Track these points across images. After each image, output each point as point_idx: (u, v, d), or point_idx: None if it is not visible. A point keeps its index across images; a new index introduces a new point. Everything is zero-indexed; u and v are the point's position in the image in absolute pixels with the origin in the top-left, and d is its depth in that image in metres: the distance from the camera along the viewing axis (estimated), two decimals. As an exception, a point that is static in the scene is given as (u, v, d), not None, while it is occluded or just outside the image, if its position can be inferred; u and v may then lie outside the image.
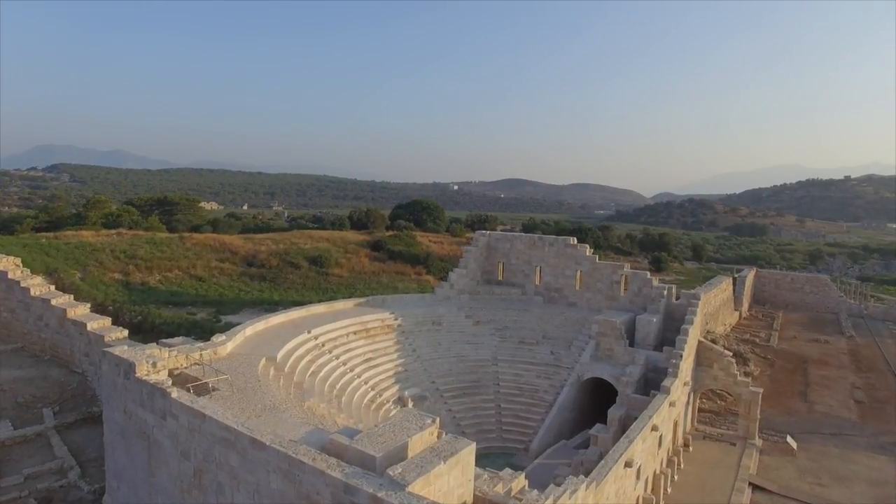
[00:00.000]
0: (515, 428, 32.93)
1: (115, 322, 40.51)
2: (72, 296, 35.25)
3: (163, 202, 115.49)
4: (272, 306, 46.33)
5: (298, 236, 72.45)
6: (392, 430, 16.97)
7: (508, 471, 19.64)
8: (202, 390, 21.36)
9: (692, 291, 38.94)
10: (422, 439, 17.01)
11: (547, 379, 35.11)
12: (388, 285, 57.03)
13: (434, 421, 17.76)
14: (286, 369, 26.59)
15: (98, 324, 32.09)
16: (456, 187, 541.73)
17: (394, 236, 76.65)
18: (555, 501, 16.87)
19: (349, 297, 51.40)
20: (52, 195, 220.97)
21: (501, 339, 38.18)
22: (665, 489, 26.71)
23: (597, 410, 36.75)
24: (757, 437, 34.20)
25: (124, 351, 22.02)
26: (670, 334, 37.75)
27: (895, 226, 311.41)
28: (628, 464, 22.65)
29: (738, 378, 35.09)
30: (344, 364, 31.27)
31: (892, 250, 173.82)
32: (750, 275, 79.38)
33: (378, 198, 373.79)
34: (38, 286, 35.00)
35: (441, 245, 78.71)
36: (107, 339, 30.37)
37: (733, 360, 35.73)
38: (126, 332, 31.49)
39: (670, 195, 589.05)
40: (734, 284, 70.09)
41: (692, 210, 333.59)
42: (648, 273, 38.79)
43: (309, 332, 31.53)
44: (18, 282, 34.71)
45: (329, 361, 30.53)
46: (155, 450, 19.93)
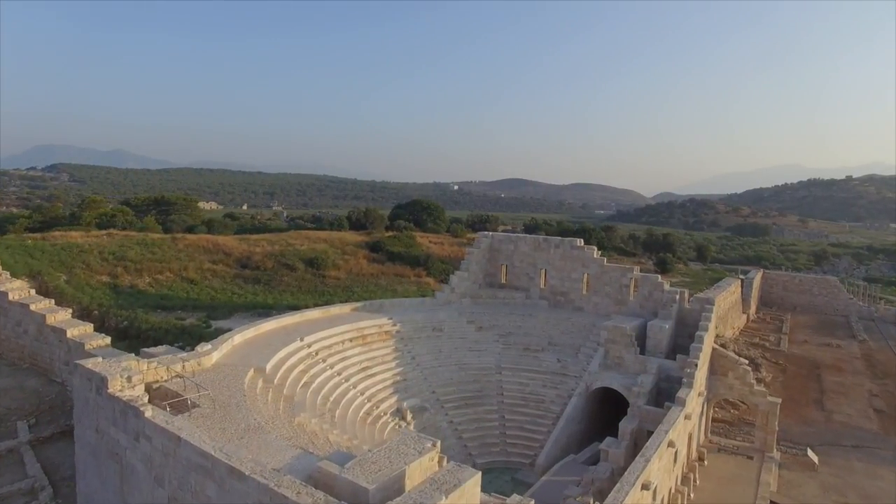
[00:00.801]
0: (520, 441, 31.13)
1: (101, 327, 38.83)
2: (52, 300, 33.43)
3: (160, 202, 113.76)
4: (265, 310, 44.54)
5: (295, 237, 70.66)
6: (388, 456, 15.19)
7: (516, 497, 17.87)
8: (182, 407, 19.58)
9: (705, 296, 37.15)
10: (421, 467, 15.22)
11: (553, 388, 33.29)
12: (387, 288, 55.22)
13: (434, 445, 15.97)
14: (276, 381, 24.79)
15: (78, 330, 30.24)
16: (456, 187, 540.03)
17: (393, 237, 74.84)
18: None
19: (346, 301, 49.61)
20: (51, 195, 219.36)
21: (505, 346, 36.39)
22: (682, 510, 24.95)
23: (605, 421, 34.98)
24: (775, 450, 32.43)
25: (98, 363, 20.21)
26: (682, 341, 35.99)
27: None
28: (645, 486, 20.85)
29: (755, 387, 33.33)
30: (338, 374, 29.47)
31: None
32: (757, 276, 77.65)
33: (378, 198, 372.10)
34: (18, 290, 33.15)
35: (441, 246, 76.90)
36: (87, 347, 28.56)
37: (749, 369, 33.93)
38: (108, 340, 29.65)
39: (671, 195, 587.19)
40: (742, 286, 68.33)
41: (693, 210, 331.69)
42: (659, 276, 36.97)
43: (302, 340, 29.72)
44: (-5, 286, 32.91)
45: (322, 371, 28.73)
46: (128, 473, 18.13)
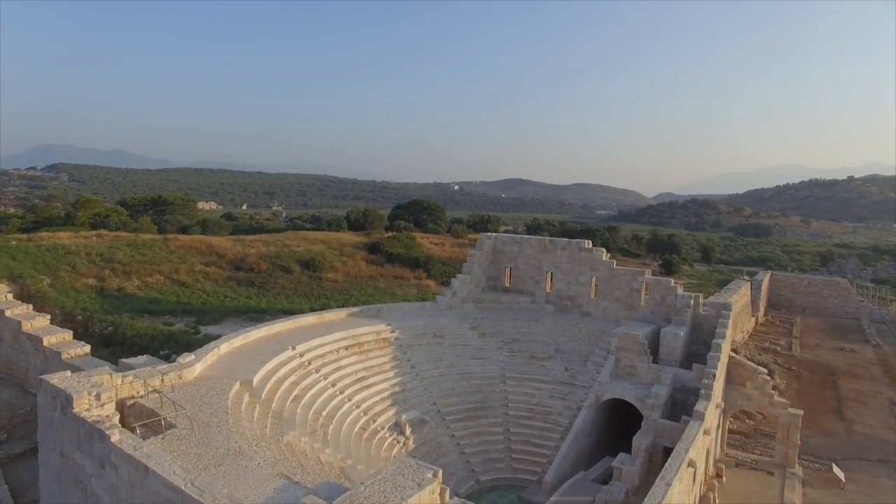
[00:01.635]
0: (527, 456, 29.20)
1: (85, 333, 36.93)
2: (31, 306, 31.60)
3: (157, 202, 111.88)
4: (258, 315, 42.65)
5: (292, 238, 68.75)
6: (382, 490, 13.31)
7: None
8: (156, 428, 17.71)
9: (720, 300, 35.23)
10: (421, 502, 13.35)
11: (561, 399, 31.38)
12: (386, 291, 53.31)
13: (436, 475, 14.08)
14: (263, 395, 22.89)
15: (56, 338, 28.34)
16: (457, 187, 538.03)
17: (392, 238, 72.90)
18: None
19: (343, 304, 47.70)
20: (50, 195, 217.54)
21: (510, 354, 34.47)
22: (704, 535, 23.04)
23: (615, 432, 33.09)
24: (797, 465, 30.54)
25: (64, 379, 18.34)
26: (696, 348, 34.10)
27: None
28: (667, 513, 18.96)
29: (775, 398, 31.43)
30: (332, 385, 27.56)
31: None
32: (766, 278, 75.78)
33: (378, 198, 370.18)
34: (-6, 295, 31.34)
35: (442, 247, 74.99)
36: (64, 356, 26.71)
37: (768, 379, 32.00)
38: (88, 348, 27.76)
39: (672, 195, 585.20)
40: (751, 289, 66.47)
41: (695, 210, 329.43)
42: (672, 280, 35.06)
43: (293, 349, 27.83)
44: (-32, 291, 31.03)
45: (315, 383, 26.82)
46: (93, 504, 16.29)
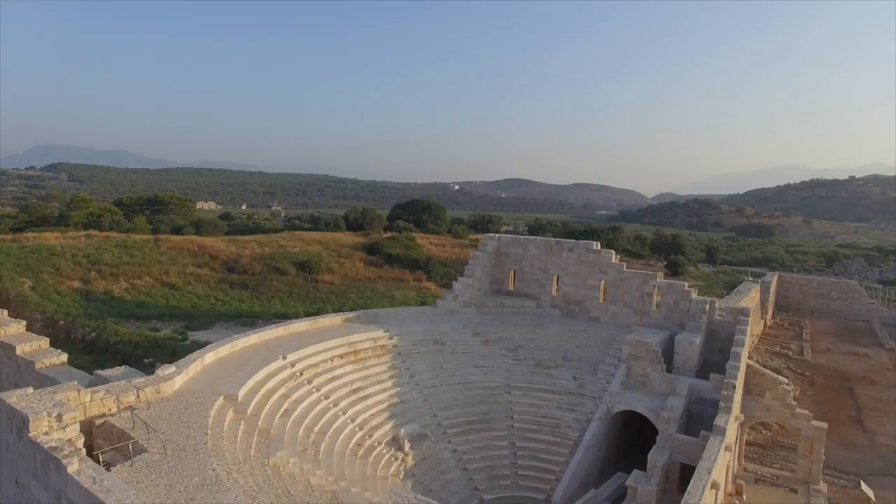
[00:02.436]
0: (534, 472, 27.35)
1: (66, 339, 35.10)
2: (6, 311, 29.70)
3: (153, 202, 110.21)
4: (250, 319, 40.85)
5: (288, 238, 66.88)
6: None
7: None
8: (126, 453, 15.86)
9: (738, 306, 33.41)
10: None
11: (570, 411, 29.52)
12: (384, 294, 51.49)
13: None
14: (250, 410, 21.03)
15: (31, 346, 26.38)
16: (457, 187, 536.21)
17: (391, 238, 71.04)
18: None
19: (339, 308, 45.93)
20: (48, 195, 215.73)
21: (514, 362, 32.60)
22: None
23: (625, 445, 31.28)
24: (821, 482, 28.70)
25: (24, 397, 16.47)
26: (712, 356, 32.28)
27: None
28: (693, 544, 17.17)
29: (797, 410, 29.58)
30: (326, 398, 25.70)
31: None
32: (774, 280, 74.02)
33: (378, 198, 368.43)
34: (-34, 300, 29.51)
35: (443, 248, 73.13)
36: (38, 366, 24.79)
37: (789, 389, 30.14)
38: (65, 357, 25.86)
39: (672, 195, 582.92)
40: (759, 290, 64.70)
41: (697, 210, 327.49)
42: (686, 284, 33.22)
43: (284, 358, 25.97)
44: (-61, 295, 29.15)
45: (307, 395, 24.96)
46: (50, 542, 14.43)
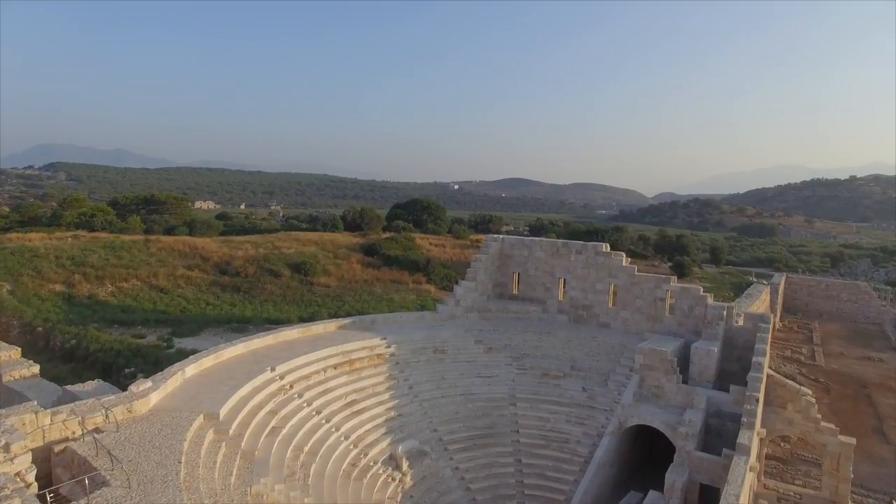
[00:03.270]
0: (541, 492, 25.47)
1: (44, 347, 33.19)
2: (-23, 318, 27.94)
3: (149, 201, 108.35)
4: (241, 325, 38.94)
5: (283, 239, 64.93)
6: None
7: None
8: (83, 487, 13.93)
9: (753, 311, 31.54)
10: None
11: (580, 425, 27.64)
12: (382, 297, 49.57)
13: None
14: (232, 430, 19.12)
15: (2, 356, 24.59)
16: (457, 186, 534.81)
17: (390, 239, 69.11)
18: None
19: (335, 312, 44.02)
20: (45, 194, 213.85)
21: (520, 371, 30.73)
22: None
23: (638, 459, 29.42)
24: (850, 501, 26.84)
25: (-29, 421, 14.62)
26: (728, 365, 30.39)
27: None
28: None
29: (822, 423, 27.70)
30: (317, 413, 23.81)
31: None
32: (782, 281, 72.30)
33: (378, 197, 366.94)
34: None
35: (443, 249, 71.20)
36: (6, 380, 22.96)
37: (813, 401, 28.26)
38: (37, 369, 24.00)
39: (672, 195, 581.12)
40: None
41: (697, 210, 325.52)
42: (701, 289, 31.34)
43: (273, 370, 24.09)
44: None
45: (297, 410, 23.07)
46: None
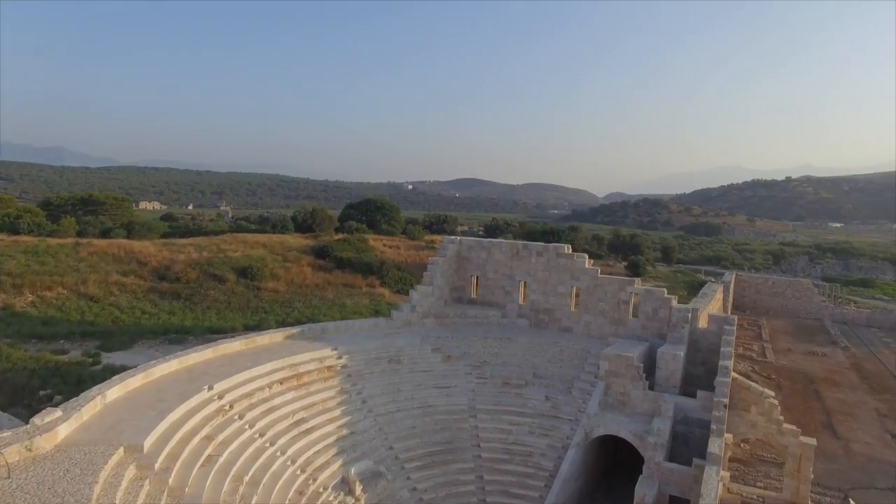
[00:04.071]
0: (505, 510, 24.05)
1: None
2: None
3: (87, 201, 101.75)
4: (180, 336, 35.92)
5: (229, 241, 61.47)
6: None
7: None
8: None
9: (722, 315, 31.14)
10: None
11: (544, 436, 26.33)
12: (334, 302, 47.23)
13: None
14: (158, 464, 16.72)
15: None
16: (411, 186, 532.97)
17: (342, 240, 66.57)
18: None
19: (283, 319, 41.54)
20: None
21: (480, 380, 29.20)
22: None
23: (602, 469, 28.43)
24: (810, 502, 26.58)
25: None
26: (693, 369, 29.77)
27: (837, 225, 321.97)
28: None
29: (784, 425, 27.39)
30: (261, 435, 21.56)
31: (843, 250, 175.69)
32: (732, 279, 74.00)
33: (331, 197, 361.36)
34: None
35: (397, 250, 69.24)
36: None
37: (776, 403, 27.90)
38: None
39: (622, 195, 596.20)
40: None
41: (647, 209, 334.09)
42: (665, 290, 30.66)
43: (210, 389, 21.69)
44: None
45: (238, 434, 20.77)
46: None
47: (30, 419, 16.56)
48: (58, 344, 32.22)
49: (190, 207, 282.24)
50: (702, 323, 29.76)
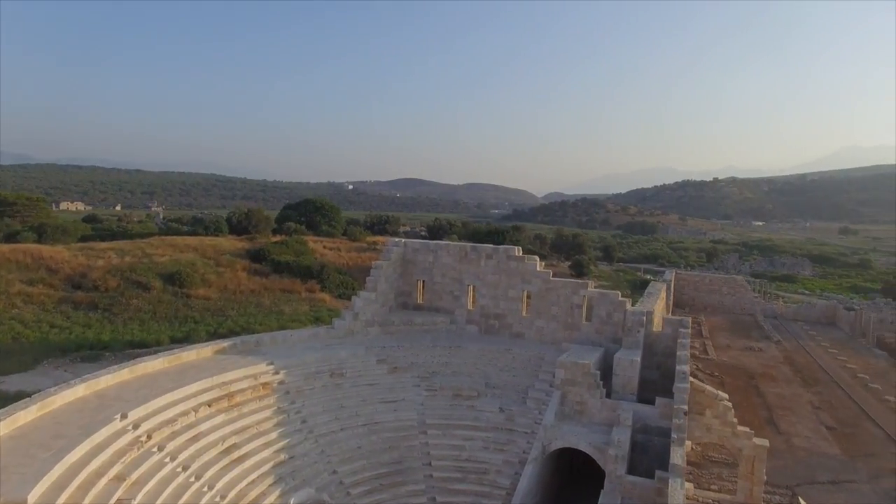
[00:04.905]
0: (460, 534, 22.38)
1: None
2: None
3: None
4: (96, 352, 32.20)
5: (156, 245, 56.92)
6: None
7: None
8: None
9: (677, 317, 30.64)
10: None
11: (499, 451, 24.84)
12: (271, 309, 44.21)
13: None
14: (54, 516, 13.99)
15: None
16: (351, 187, 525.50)
17: (280, 243, 63.14)
18: None
19: (215, 330, 38.38)
20: None
21: (429, 393, 27.38)
22: None
23: (560, 482, 27.28)
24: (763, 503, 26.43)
25: None
26: (648, 373, 29.10)
27: (760, 223, 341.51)
28: None
29: (738, 427, 27.15)
30: (184, 469, 18.90)
31: (767, 247, 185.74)
32: (672, 277, 75.68)
33: (269, 198, 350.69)
34: None
35: (338, 253, 66.44)
36: None
37: (730, 405, 27.67)
38: None
39: (560, 195, 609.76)
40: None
41: (586, 209, 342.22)
42: (619, 294, 29.90)
43: (123, 418, 18.85)
44: None
45: (156, 470, 18.06)
46: None
47: None
48: (-56, 366, 27.97)
49: (118, 208, 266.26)
50: (656, 326, 29.18)
